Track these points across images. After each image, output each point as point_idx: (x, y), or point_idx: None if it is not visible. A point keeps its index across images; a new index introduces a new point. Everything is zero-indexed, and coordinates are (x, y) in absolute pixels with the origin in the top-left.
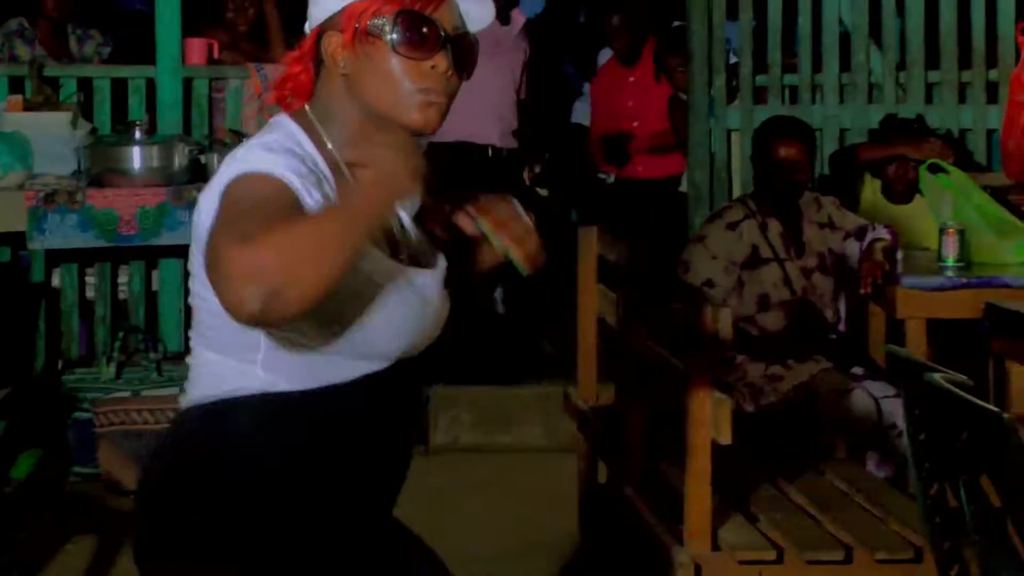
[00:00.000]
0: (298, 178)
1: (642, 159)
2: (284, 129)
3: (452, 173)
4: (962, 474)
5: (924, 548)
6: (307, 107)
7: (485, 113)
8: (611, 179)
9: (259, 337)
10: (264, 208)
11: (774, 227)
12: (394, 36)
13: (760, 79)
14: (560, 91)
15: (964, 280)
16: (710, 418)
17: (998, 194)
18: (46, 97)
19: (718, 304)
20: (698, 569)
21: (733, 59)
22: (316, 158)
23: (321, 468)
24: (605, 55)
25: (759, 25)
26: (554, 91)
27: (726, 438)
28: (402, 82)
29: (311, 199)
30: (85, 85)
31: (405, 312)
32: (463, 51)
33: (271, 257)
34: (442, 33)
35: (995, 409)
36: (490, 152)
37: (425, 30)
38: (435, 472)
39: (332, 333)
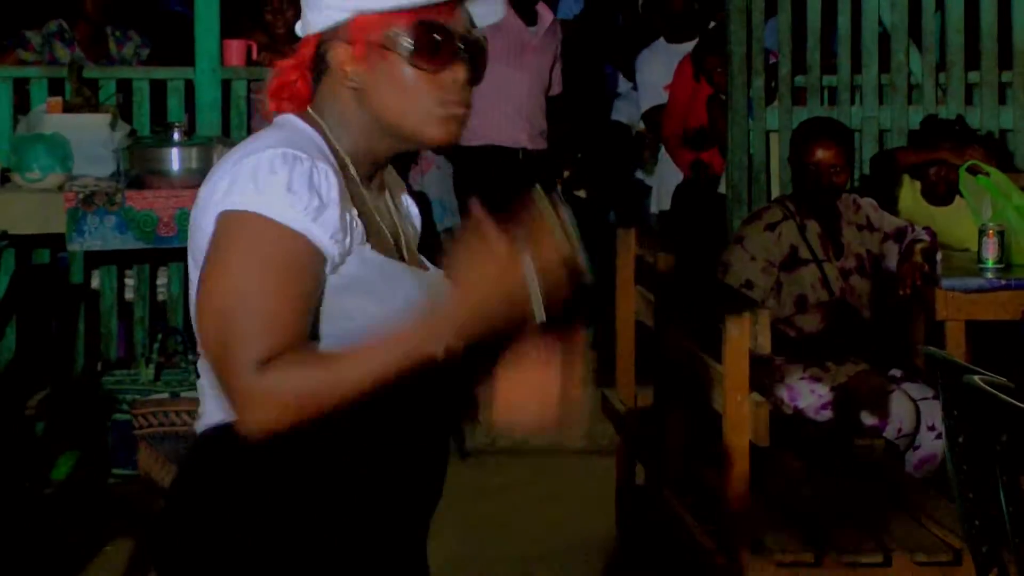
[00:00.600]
0: (318, 222)
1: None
2: (298, 131)
3: (482, 177)
4: (1002, 476)
5: (963, 550)
6: (309, 110)
7: (513, 116)
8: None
9: None
10: (277, 305)
11: (812, 228)
12: (410, 48)
13: (799, 80)
14: (599, 90)
15: (1004, 282)
16: (748, 421)
17: None
18: (85, 99)
19: (757, 305)
20: (737, 572)
21: (772, 60)
22: (329, 191)
23: (343, 488)
24: (645, 56)
25: (798, 25)
26: (593, 90)
27: (763, 441)
28: (421, 96)
29: (333, 245)
30: (124, 86)
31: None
32: (476, 55)
33: (285, 404)
34: (458, 42)
35: None
36: (520, 155)
37: (441, 39)
38: (473, 473)
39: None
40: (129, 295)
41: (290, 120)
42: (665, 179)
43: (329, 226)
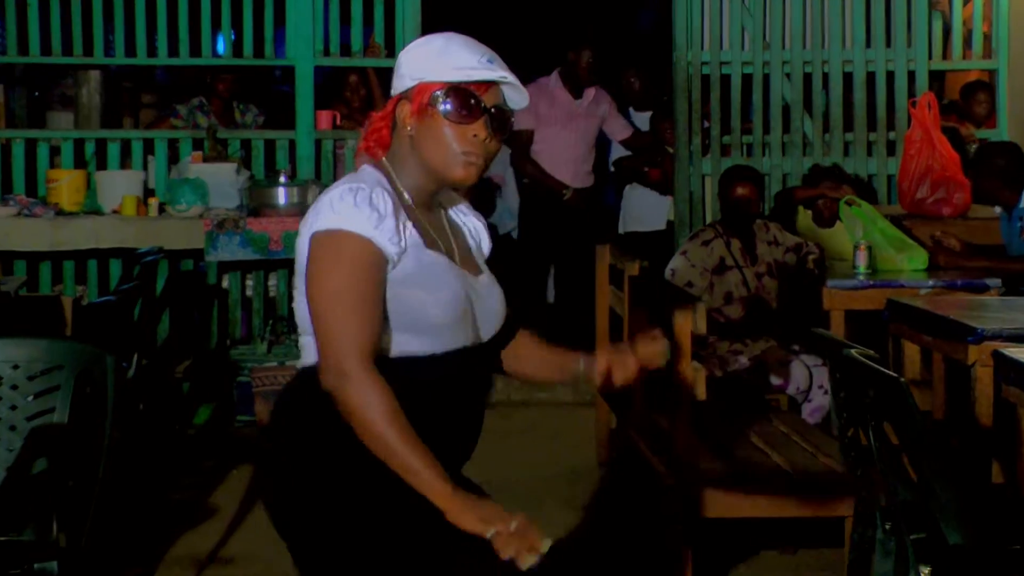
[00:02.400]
0: (379, 229)
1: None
2: (369, 174)
3: (540, 202)
4: (870, 421)
5: (843, 475)
6: (384, 158)
7: (562, 163)
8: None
9: None
10: (359, 294)
11: (735, 244)
12: (446, 107)
13: (725, 139)
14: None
15: (871, 282)
16: (691, 381)
17: (896, 221)
18: (218, 153)
19: (696, 300)
20: (682, 489)
21: (706, 124)
22: (386, 207)
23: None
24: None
25: (724, 100)
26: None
27: (701, 396)
28: (451, 144)
29: (391, 245)
30: (246, 144)
31: (459, 298)
32: (499, 121)
33: (353, 403)
34: (483, 107)
35: (894, 374)
36: (567, 192)
37: (472, 102)
38: (494, 419)
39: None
40: (249, 293)
41: (363, 167)
42: (629, 206)
43: (387, 232)
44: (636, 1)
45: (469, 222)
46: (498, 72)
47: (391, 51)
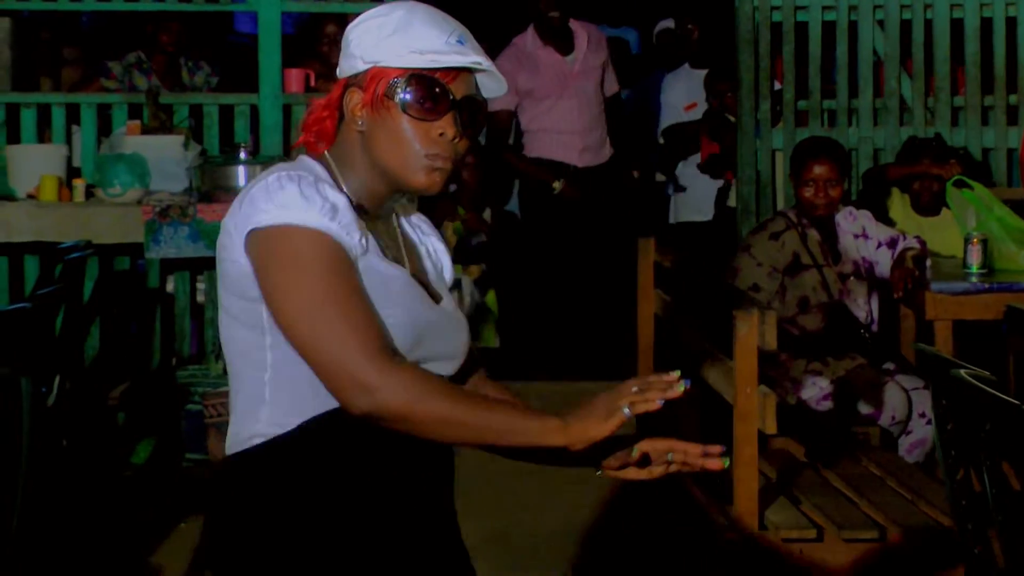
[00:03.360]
0: (336, 222)
1: None
2: (309, 165)
3: (540, 187)
4: (985, 460)
5: (954, 529)
6: (327, 152)
7: (563, 138)
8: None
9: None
10: (343, 292)
11: (813, 237)
12: (406, 97)
13: (802, 104)
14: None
15: (987, 285)
16: (756, 410)
17: (1018, 207)
18: (161, 122)
19: (763, 307)
20: (747, 547)
21: (777, 86)
22: (336, 198)
23: (366, 478)
24: (669, 79)
25: (800, 55)
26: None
27: (771, 429)
28: (411, 145)
29: (350, 241)
30: (196, 111)
31: (417, 322)
32: (471, 114)
33: (405, 410)
34: (451, 98)
35: (1015, 402)
36: (571, 170)
37: (436, 91)
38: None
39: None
40: (200, 298)
41: (301, 157)
42: (683, 191)
43: (345, 225)
44: None
45: (428, 242)
46: (471, 57)
47: None
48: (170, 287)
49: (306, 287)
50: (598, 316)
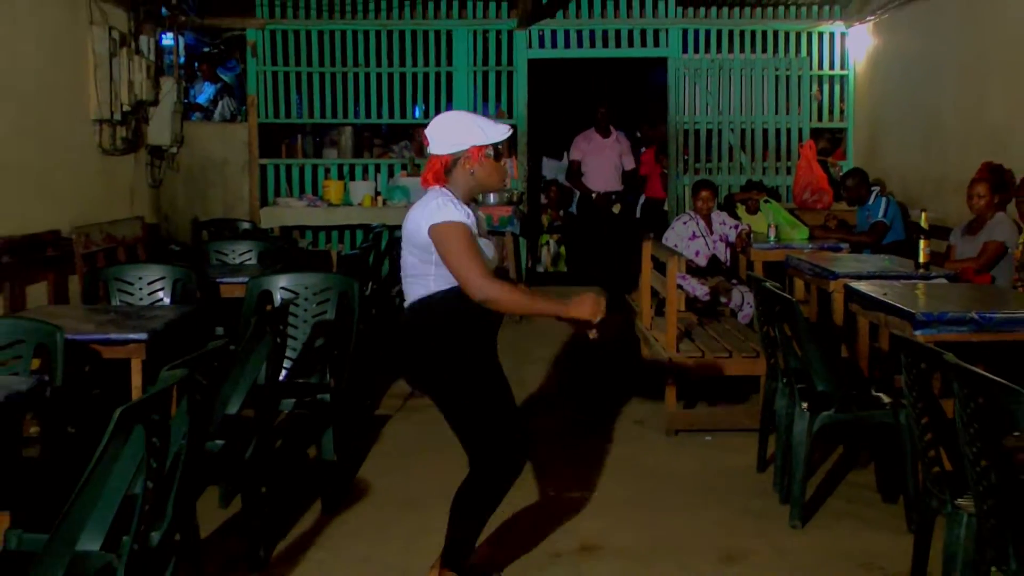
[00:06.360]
0: (467, 218)
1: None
2: (444, 192)
3: (584, 199)
4: (776, 321)
5: (761, 352)
6: (446, 186)
7: (599, 177)
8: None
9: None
10: (471, 248)
11: (701, 223)
12: (493, 156)
13: (696, 164)
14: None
15: (777, 245)
16: (675, 299)
17: (791, 211)
18: (416, 172)
19: (678, 254)
20: (670, 361)
21: (685, 156)
22: (462, 205)
23: (476, 316)
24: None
25: (696, 143)
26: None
27: (681, 308)
28: (498, 173)
29: (473, 226)
30: None
31: (487, 250)
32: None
33: (496, 299)
34: (502, 151)
35: (789, 296)
36: (595, 195)
37: (500, 150)
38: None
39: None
40: None
41: (437, 188)
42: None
43: (471, 220)
44: (646, 68)
45: (481, 215)
46: (504, 130)
47: (510, 113)
48: None
49: (457, 243)
50: (609, 259)
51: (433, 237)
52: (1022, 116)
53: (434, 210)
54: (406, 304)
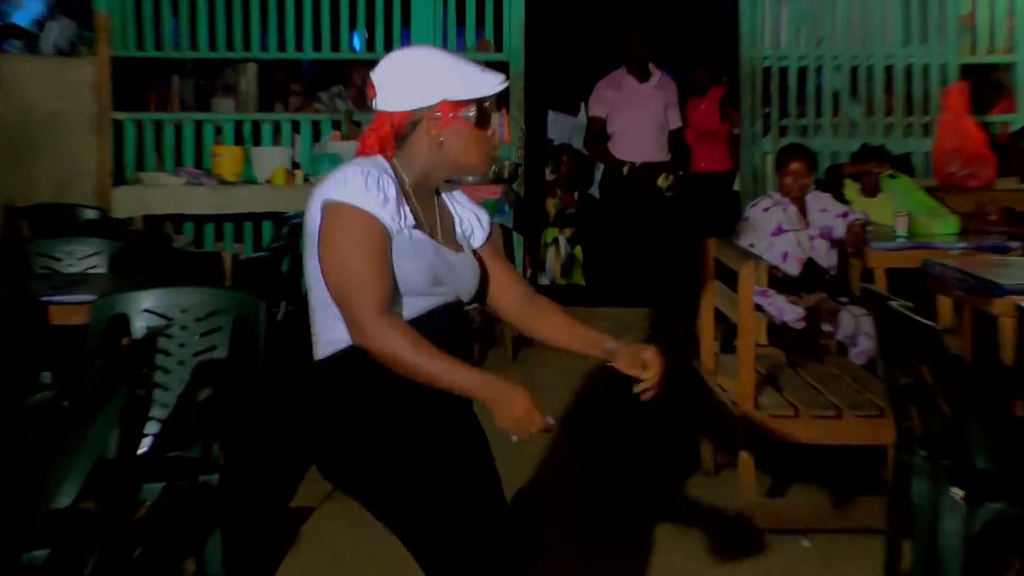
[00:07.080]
0: (383, 209)
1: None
2: (378, 163)
3: (617, 172)
4: (910, 363)
5: (886, 409)
6: (395, 157)
7: (631, 141)
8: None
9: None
10: (369, 260)
11: (791, 211)
12: (473, 119)
13: (783, 121)
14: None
15: (910, 244)
16: (753, 327)
17: (930, 191)
18: (353, 132)
19: (757, 258)
20: (745, 421)
21: (767, 109)
22: (395, 186)
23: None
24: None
25: (783, 88)
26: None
27: (762, 340)
28: (480, 146)
29: (392, 223)
30: None
31: (436, 268)
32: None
33: (383, 354)
34: (491, 114)
35: (930, 323)
36: (627, 168)
37: (487, 109)
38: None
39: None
40: None
41: (377, 158)
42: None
43: (388, 212)
44: None
45: (464, 213)
46: (497, 80)
47: (499, 47)
48: None
49: (344, 246)
50: (647, 265)
51: (323, 222)
52: None
53: (336, 183)
54: (314, 353)
